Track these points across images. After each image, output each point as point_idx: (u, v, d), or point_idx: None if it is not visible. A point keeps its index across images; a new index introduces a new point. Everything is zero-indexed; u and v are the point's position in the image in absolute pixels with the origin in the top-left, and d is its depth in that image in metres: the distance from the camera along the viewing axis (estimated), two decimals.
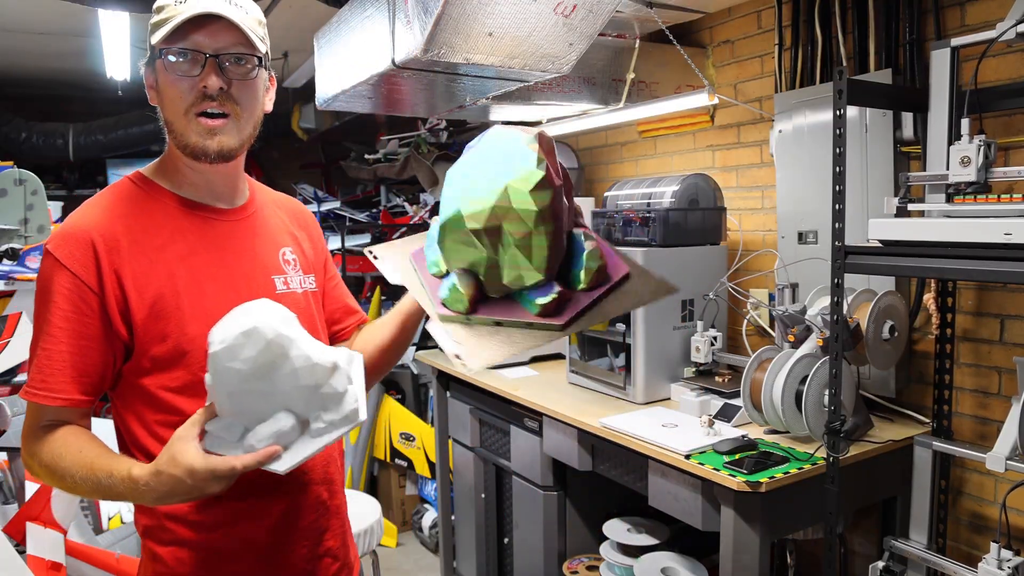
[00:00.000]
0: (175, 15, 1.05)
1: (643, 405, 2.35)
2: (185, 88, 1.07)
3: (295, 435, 0.99)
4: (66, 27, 3.21)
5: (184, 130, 1.09)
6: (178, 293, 1.10)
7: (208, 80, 1.06)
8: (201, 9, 1.04)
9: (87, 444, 1.06)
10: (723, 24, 2.70)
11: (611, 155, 3.36)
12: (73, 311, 1.05)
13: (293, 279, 1.25)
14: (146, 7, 2.16)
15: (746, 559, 1.76)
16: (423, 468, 3.75)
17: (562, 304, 1.10)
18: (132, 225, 1.10)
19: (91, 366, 1.07)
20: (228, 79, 1.09)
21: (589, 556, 2.51)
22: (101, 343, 1.07)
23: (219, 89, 1.07)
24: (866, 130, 2.12)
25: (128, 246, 1.09)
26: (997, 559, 1.61)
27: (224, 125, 1.10)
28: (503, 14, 1.73)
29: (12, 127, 4.32)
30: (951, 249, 1.52)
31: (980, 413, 2.01)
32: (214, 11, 1.05)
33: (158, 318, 1.09)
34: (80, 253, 1.06)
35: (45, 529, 2.04)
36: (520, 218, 1.03)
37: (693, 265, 2.43)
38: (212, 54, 1.07)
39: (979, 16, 1.94)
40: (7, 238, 2.62)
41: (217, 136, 1.09)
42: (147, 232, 1.11)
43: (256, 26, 1.12)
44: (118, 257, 1.07)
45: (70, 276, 1.05)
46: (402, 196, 4.64)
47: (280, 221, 1.30)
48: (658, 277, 1.19)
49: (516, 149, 1.06)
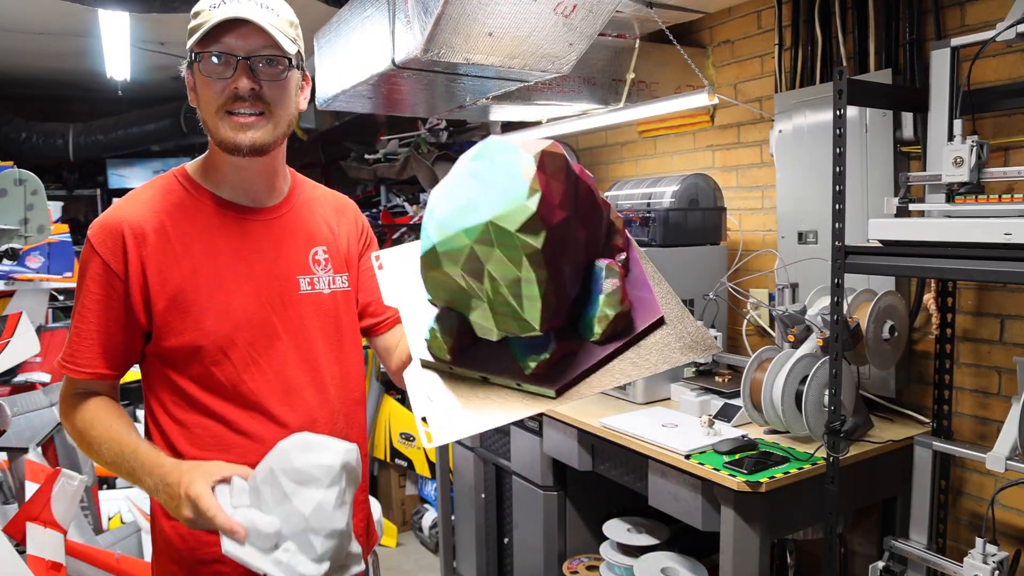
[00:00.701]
0: (208, 20, 1.10)
1: (643, 405, 2.35)
2: (218, 89, 1.12)
3: (268, 544, 0.99)
4: (66, 27, 3.21)
5: (216, 127, 1.15)
6: (198, 288, 1.16)
7: (239, 82, 1.11)
8: (232, 14, 1.09)
9: (116, 419, 1.16)
10: (723, 24, 2.70)
11: (611, 155, 3.36)
12: (102, 294, 1.15)
13: (321, 279, 1.27)
14: (146, 7, 2.17)
15: (746, 559, 1.76)
16: (423, 468, 3.75)
17: (560, 363, 0.89)
18: (165, 220, 1.17)
19: (116, 345, 1.17)
20: (259, 80, 1.13)
21: (589, 556, 2.51)
22: (125, 325, 1.16)
23: (250, 91, 1.12)
24: (866, 130, 2.11)
25: (156, 239, 1.16)
26: (983, 553, 1.61)
27: (256, 122, 1.14)
28: (503, 14, 1.73)
29: (12, 127, 4.33)
30: (951, 249, 1.52)
31: (980, 413, 2.01)
32: (244, 16, 1.09)
33: (177, 311, 1.15)
34: (111, 242, 1.14)
35: (45, 529, 2.04)
36: (506, 261, 0.84)
37: (693, 265, 2.43)
38: (244, 56, 1.11)
39: (979, 16, 1.94)
40: (7, 238, 2.62)
41: (249, 132, 1.14)
42: (178, 228, 1.17)
43: (287, 27, 1.15)
44: (145, 249, 1.15)
45: (101, 262, 1.14)
46: (402, 196, 4.65)
47: (319, 219, 1.32)
48: (697, 327, 0.97)
49: (508, 172, 0.85)
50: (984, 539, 1.62)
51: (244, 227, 1.22)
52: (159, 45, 3.57)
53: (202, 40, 1.10)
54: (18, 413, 2.58)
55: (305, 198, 1.33)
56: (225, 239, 1.20)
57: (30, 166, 2.93)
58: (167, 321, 1.15)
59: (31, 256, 3.02)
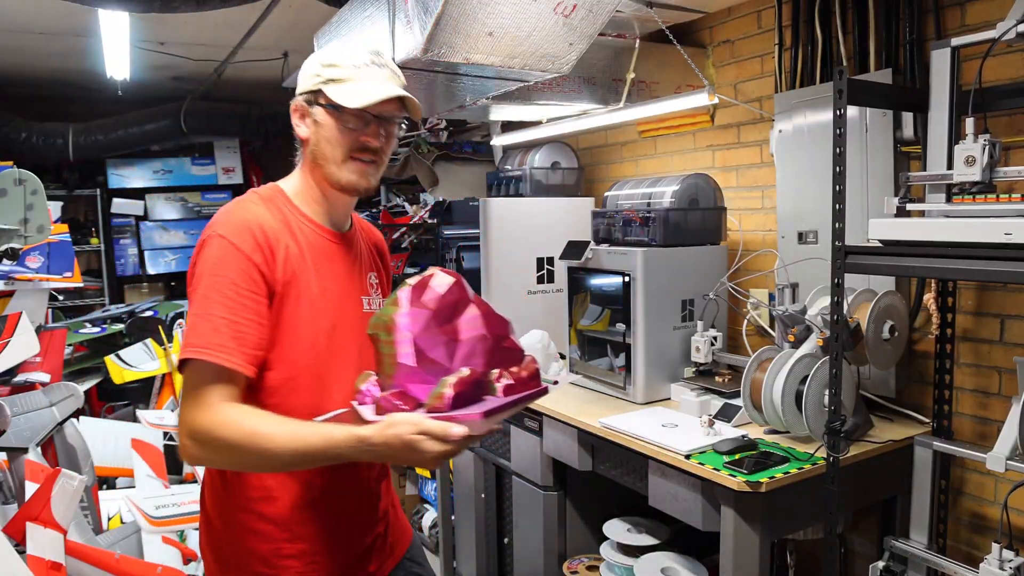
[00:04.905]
0: (355, 79, 1.25)
1: (643, 405, 2.35)
2: (350, 139, 1.27)
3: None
4: (66, 27, 3.21)
5: (339, 168, 1.29)
6: (299, 301, 1.25)
7: (373, 139, 1.28)
8: (385, 95, 1.25)
9: (282, 418, 1.17)
10: (723, 24, 2.70)
11: (611, 155, 3.36)
12: (252, 290, 1.21)
13: (375, 301, 1.41)
14: (146, 7, 2.17)
15: (746, 559, 1.76)
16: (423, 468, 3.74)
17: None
18: (289, 232, 1.29)
19: (261, 342, 1.23)
20: (387, 136, 1.31)
21: (589, 556, 2.51)
22: (262, 323, 1.23)
23: (378, 147, 1.30)
24: (866, 130, 2.12)
25: (288, 248, 1.27)
26: (999, 559, 1.61)
27: (371, 168, 1.31)
28: (503, 14, 1.73)
29: (12, 127, 4.33)
30: (951, 249, 1.52)
31: (980, 413, 2.01)
32: (400, 95, 1.26)
33: (285, 319, 1.24)
34: (253, 242, 1.23)
35: (45, 529, 2.04)
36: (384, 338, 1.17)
37: (693, 265, 2.43)
38: (376, 115, 1.27)
39: (979, 16, 1.94)
40: (7, 238, 2.62)
41: (369, 177, 1.30)
42: (295, 241, 1.29)
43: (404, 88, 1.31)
44: (282, 255, 1.26)
45: (247, 259, 1.22)
46: (402, 196, 4.64)
47: (367, 248, 1.47)
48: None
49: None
50: (1000, 545, 1.61)
51: (330, 247, 1.34)
52: (159, 45, 3.57)
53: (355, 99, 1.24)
54: (18, 413, 2.58)
55: (357, 227, 1.46)
56: (321, 256, 1.31)
57: (30, 166, 2.93)
58: (275, 323, 1.22)
59: (31, 256, 3.03)
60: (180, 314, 4.44)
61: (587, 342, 2.59)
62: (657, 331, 2.37)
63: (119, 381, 3.67)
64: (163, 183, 5.17)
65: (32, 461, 2.39)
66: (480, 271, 3.06)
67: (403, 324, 1.16)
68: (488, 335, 1.20)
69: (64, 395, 2.77)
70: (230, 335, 1.14)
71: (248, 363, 1.16)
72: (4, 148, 4.24)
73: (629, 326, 2.37)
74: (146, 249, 5.25)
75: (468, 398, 1.13)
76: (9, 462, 2.47)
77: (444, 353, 1.17)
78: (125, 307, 4.55)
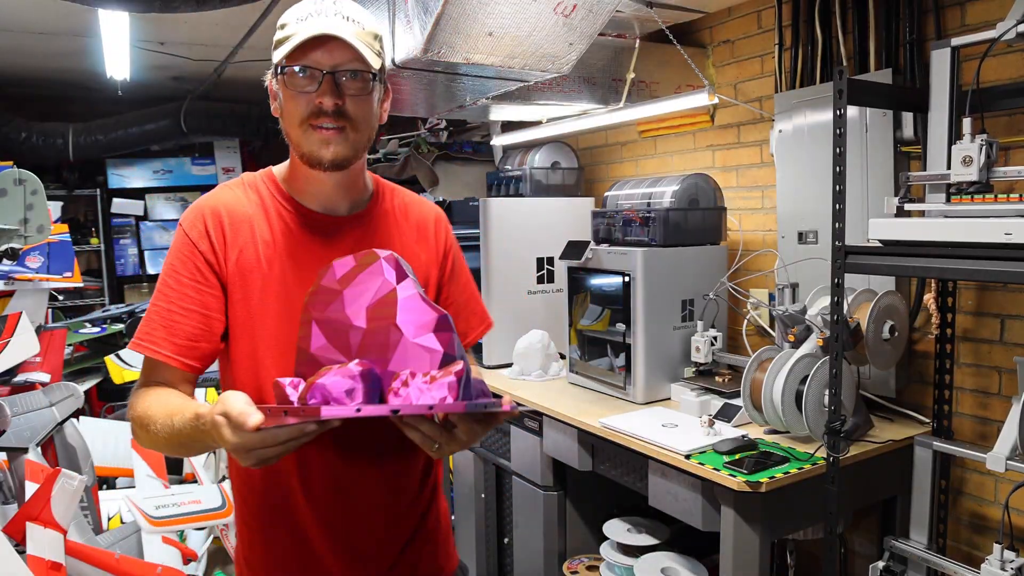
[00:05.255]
0: (295, 33, 1.09)
1: (643, 405, 2.35)
2: (303, 103, 1.12)
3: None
4: (66, 27, 3.21)
5: (300, 140, 1.15)
6: (265, 291, 1.17)
7: (323, 97, 1.11)
8: (318, 31, 1.08)
9: (172, 398, 1.12)
10: (723, 24, 2.70)
11: (611, 155, 3.36)
12: (190, 275, 1.16)
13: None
14: (146, 7, 2.17)
15: (746, 559, 1.76)
16: None
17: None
18: (252, 215, 1.20)
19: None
20: (343, 95, 1.12)
21: (589, 556, 2.51)
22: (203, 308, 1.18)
23: (333, 106, 1.11)
24: (866, 130, 2.11)
25: (241, 231, 1.18)
26: (1000, 559, 1.60)
27: (337, 136, 1.13)
28: (503, 14, 1.73)
29: (12, 127, 4.33)
30: (951, 249, 1.52)
31: (980, 413, 2.01)
32: (331, 32, 1.08)
33: (239, 311, 1.17)
34: (201, 225, 1.17)
35: (45, 529, 2.04)
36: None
37: (693, 265, 2.43)
38: (328, 71, 1.10)
39: (979, 16, 1.94)
40: (7, 238, 2.62)
41: (332, 146, 1.13)
42: (260, 225, 1.19)
43: (372, 40, 1.14)
44: (231, 237, 1.17)
45: (191, 243, 1.17)
46: None
47: (402, 230, 1.30)
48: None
49: None
50: (1002, 545, 1.61)
51: (322, 235, 1.21)
52: (159, 45, 3.57)
53: (289, 54, 1.10)
54: (18, 413, 2.58)
55: (386, 208, 1.29)
56: (309, 243, 1.20)
57: (30, 166, 2.93)
58: (233, 302, 1.16)
59: (31, 256, 3.02)
60: None
61: (587, 342, 2.59)
62: (657, 331, 2.37)
63: (119, 381, 3.67)
64: (163, 183, 5.17)
65: (32, 461, 2.39)
66: (480, 271, 3.06)
67: (308, 303, 1.07)
68: (400, 326, 1.02)
69: (64, 395, 2.77)
70: (160, 325, 1.13)
71: (177, 354, 1.12)
72: (4, 148, 4.23)
73: (629, 326, 2.37)
74: (146, 249, 5.25)
75: (358, 396, 0.97)
76: (9, 462, 2.47)
77: (342, 341, 1.03)
78: (125, 307, 4.54)
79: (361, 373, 0.96)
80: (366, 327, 1.02)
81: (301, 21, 1.10)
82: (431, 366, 1.00)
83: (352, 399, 0.95)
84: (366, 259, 1.06)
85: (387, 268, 1.05)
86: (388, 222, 1.29)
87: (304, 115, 1.12)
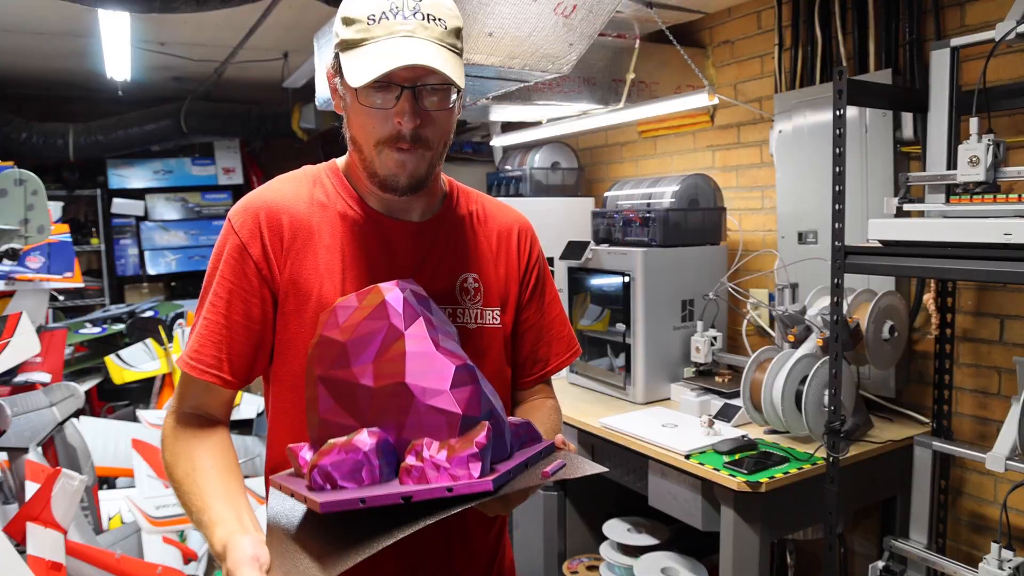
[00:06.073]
0: (368, 40, 0.95)
1: (643, 405, 2.35)
2: (378, 120, 0.98)
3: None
4: (66, 27, 3.21)
5: (373, 160, 1.01)
6: (322, 301, 1.03)
7: (402, 118, 0.96)
8: (405, 61, 0.92)
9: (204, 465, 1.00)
10: (723, 24, 2.70)
11: (611, 155, 3.36)
12: (236, 281, 1.04)
13: (468, 311, 1.11)
14: (146, 7, 2.17)
15: (746, 559, 1.76)
16: None
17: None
18: (312, 213, 1.06)
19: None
20: (423, 111, 0.98)
21: (589, 556, 2.51)
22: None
23: (412, 129, 0.97)
24: (866, 130, 2.12)
25: (299, 234, 1.05)
26: (998, 559, 1.61)
27: (412, 155, 0.99)
28: (503, 14, 1.74)
29: (12, 127, 4.33)
30: (951, 249, 1.52)
31: (980, 413, 2.01)
32: (418, 62, 0.93)
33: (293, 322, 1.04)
34: (252, 225, 1.04)
35: (45, 529, 2.04)
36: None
37: (693, 265, 2.44)
38: (408, 86, 0.96)
39: (979, 16, 1.94)
40: (7, 238, 2.62)
41: (408, 167, 1.00)
42: (321, 225, 1.06)
43: (454, 40, 1.00)
44: (287, 242, 1.04)
45: (240, 245, 1.04)
46: None
47: (478, 240, 1.15)
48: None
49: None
50: (999, 544, 1.61)
51: (388, 243, 1.07)
52: (159, 45, 3.57)
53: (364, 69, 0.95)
54: (18, 413, 2.58)
55: (461, 214, 1.15)
56: (367, 254, 1.06)
57: (30, 166, 2.93)
58: (283, 322, 1.03)
59: (31, 256, 3.03)
60: (180, 314, 4.44)
61: (587, 342, 2.59)
62: (657, 331, 2.37)
63: (119, 381, 3.67)
64: (163, 183, 5.17)
65: (32, 461, 2.39)
66: None
67: (311, 358, 0.91)
68: (410, 386, 0.85)
69: (64, 395, 2.77)
70: (211, 342, 1.01)
71: (227, 373, 1.01)
72: (4, 148, 4.23)
73: (629, 326, 2.37)
74: (146, 249, 5.24)
75: (367, 476, 0.83)
76: (9, 462, 2.47)
77: (351, 403, 0.88)
78: (125, 307, 4.54)
79: (373, 447, 0.83)
80: (374, 386, 0.87)
81: (375, 22, 0.94)
82: (449, 431, 0.84)
83: (358, 481, 0.82)
84: (370, 300, 0.91)
85: (393, 310, 0.89)
86: (461, 230, 1.14)
87: (381, 136, 0.98)
